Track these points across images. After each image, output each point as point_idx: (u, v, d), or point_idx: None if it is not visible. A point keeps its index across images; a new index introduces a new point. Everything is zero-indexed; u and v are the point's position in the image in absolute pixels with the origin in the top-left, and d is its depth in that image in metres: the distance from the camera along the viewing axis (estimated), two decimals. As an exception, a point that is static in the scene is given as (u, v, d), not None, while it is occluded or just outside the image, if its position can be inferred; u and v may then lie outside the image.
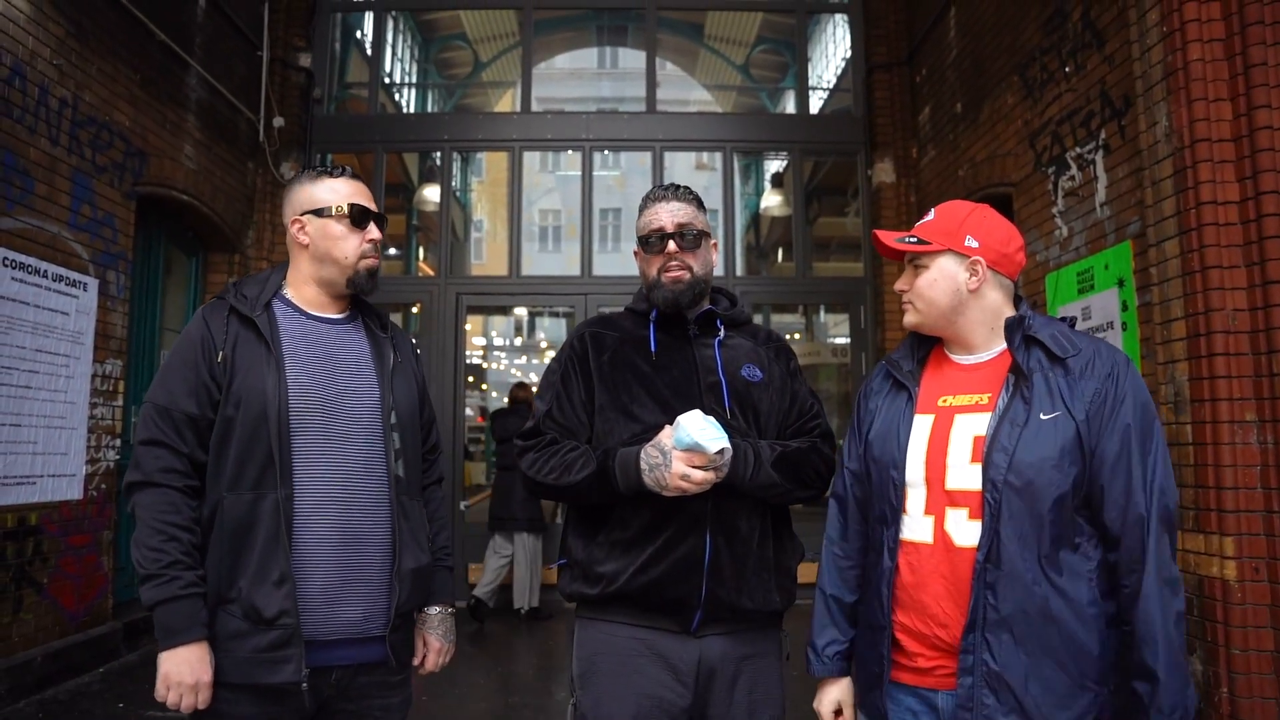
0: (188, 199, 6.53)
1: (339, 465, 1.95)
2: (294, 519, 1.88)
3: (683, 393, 2.12)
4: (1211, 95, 3.69)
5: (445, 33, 11.70)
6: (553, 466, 2.08)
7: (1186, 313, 3.76)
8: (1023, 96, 5.77)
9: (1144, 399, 1.80)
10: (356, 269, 2.08)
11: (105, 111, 5.47)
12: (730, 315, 2.28)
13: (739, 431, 2.09)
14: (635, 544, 2.02)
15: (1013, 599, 1.69)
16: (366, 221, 2.08)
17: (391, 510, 2.00)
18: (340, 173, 2.12)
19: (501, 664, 5.93)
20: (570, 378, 2.19)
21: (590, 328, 2.27)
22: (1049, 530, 1.72)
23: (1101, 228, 4.82)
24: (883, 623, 1.88)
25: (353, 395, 2.02)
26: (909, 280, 1.97)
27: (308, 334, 2.04)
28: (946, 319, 1.93)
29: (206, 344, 1.95)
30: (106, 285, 5.48)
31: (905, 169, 7.98)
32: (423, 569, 2.07)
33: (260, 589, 1.83)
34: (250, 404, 1.90)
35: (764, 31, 11.15)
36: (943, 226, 1.94)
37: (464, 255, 11.25)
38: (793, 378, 2.30)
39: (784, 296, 9.37)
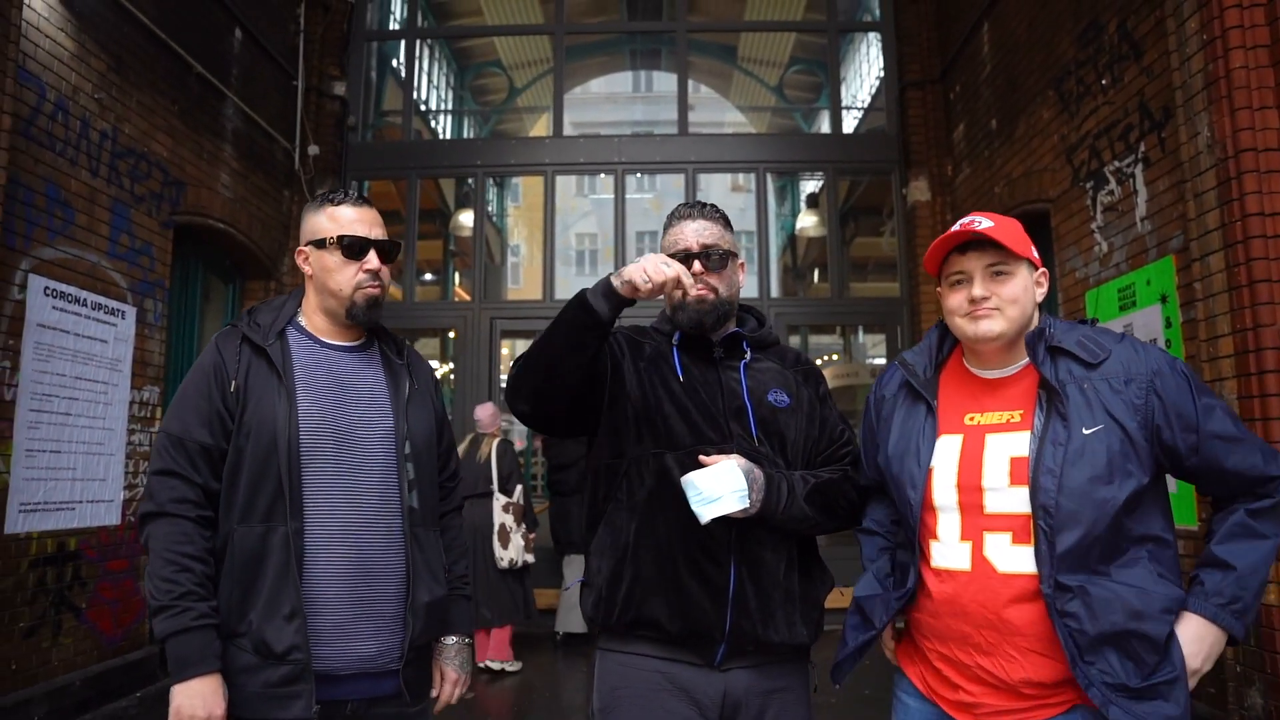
0: (224, 227, 6.63)
1: (351, 497, 1.92)
2: (304, 552, 1.85)
3: (707, 417, 2.04)
4: (1256, 103, 3.59)
5: (480, 60, 11.84)
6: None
7: (1234, 329, 3.64)
8: (1059, 111, 5.67)
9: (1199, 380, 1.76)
10: (353, 300, 2.02)
11: (144, 143, 5.57)
12: (757, 337, 2.21)
13: (766, 459, 2.02)
14: (658, 571, 1.95)
15: (1094, 619, 1.62)
16: (363, 251, 2.02)
17: (405, 542, 1.96)
18: (343, 198, 2.07)
19: (522, 696, 5.86)
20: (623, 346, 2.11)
21: (624, 331, 2.19)
22: (1108, 544, 1.66)
23: (1143, 242, 4.70)
24: (876, 625, 1.87)
25: (366, 425, 1.98)
26: (991, 286, 1.81)
27: (320, 362, 2.01)
28: (1022, 329, 1.82)
29: (220, 372, 1.93)
30: (144, 313, 5.56)
31: (940, 187, 7.88)
32: (438, 601, 2.02)
33: (271, 623, 1.80)
34: (261, 435, 1.87)
35: (797, 52, 11.14)
36: (1013, 234, 1.83)
37: (501, 280, 11.33)
38: (822, 403, 2.21)
39: (820, 318, 9.28)
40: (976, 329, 1.81)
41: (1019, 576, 1.68)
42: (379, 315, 2.08)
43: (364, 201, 2.09)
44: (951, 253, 1.86)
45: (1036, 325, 1.84)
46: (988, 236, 1.78)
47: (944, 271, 1.89)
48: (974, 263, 1.82)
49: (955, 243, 1.85)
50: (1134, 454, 1.67)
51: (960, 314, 1.84)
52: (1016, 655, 1.68)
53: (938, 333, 2.00)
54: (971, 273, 1.82)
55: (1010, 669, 1.68)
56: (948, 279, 1.88)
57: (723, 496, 1.83)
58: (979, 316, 1.80)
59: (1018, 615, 1.67)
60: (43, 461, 4.70)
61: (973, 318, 1.81)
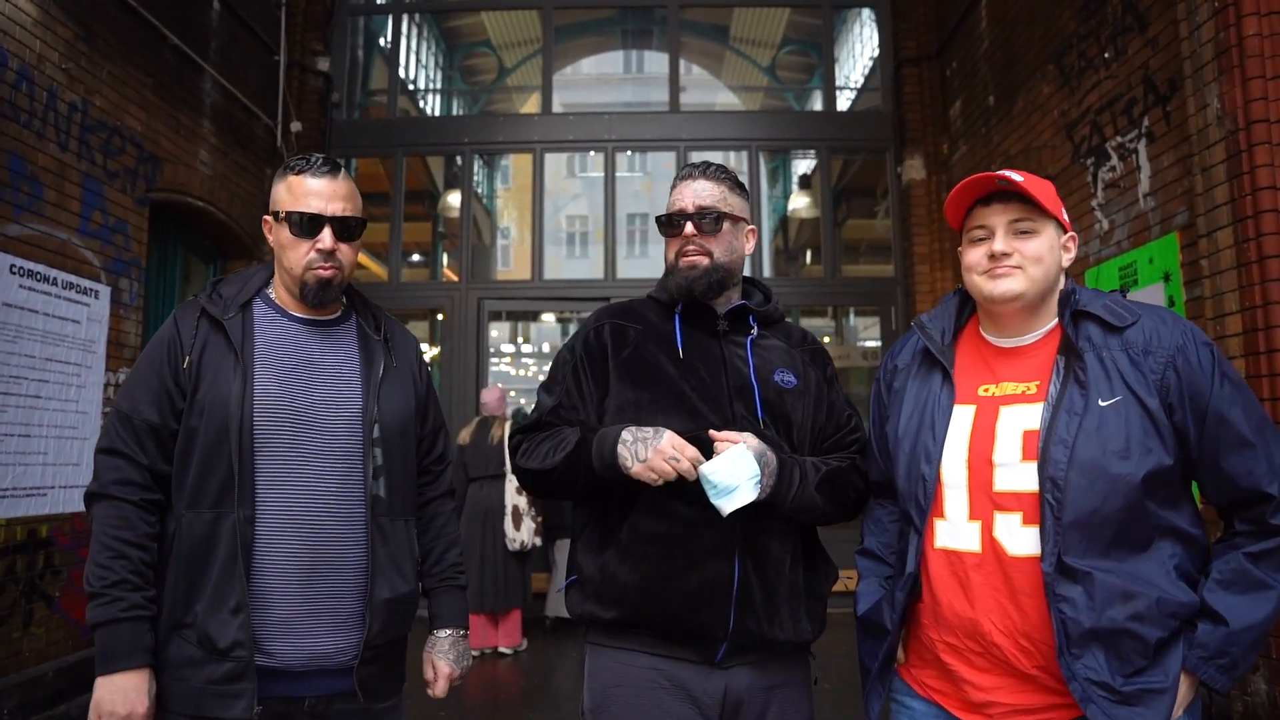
0: (203, 205, 6.44)
1: (308, 484, 1.79)
2: (255, 542, 1.72)
3: (710, 397, 1.90)
4: (1270, 72, 3.46)
5: (469, 39, 11.63)
6: (541, 451, 1.91)
7: (1242, 306, 3.52)
8: (1059, 86, 5.53)
9: (1230, 369, 1.60)
10: (303, 280, 1.86)
11: (116, 116, 5.37)
12: (764, 312, 2.06)
13: (771, 443, 1.88)
14: (655, 567, 1.82)
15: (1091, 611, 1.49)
16: (314, 229, 1.85)
17: (367, 534, 1.82)
18: (306, 166, 1.89)
19: (504, 687, 5.76)
20: (581, 373, 1.99)
21: (611, 319, 2.04)
22: (1121, 529, 1.52)
23: (1145, 219, 4.58)
24: (889, 627, 1.71)
25: (330, 406, 1.84)
26: (1014, 242, 1.67)
27: (286, 338, 1.87)
28: (1043, 293, 1.69)
29: (174, 348, 1.80)
30: (119, 293, 5.39)
31: (936, 165, 7.74)
32: (401, 598, 1.88)
33: (215, 616, 1.68)
34: (213, 415, 1.74)
35: (790, 32, 10.95)
36: (1044, 191, 1.68)
37: (490, 262, 11.15)
38: (830, 385, 2.08)
39: (814, 298, 9.15)
40: (994, 288, 1.67)
41: (1030, 560, 1.55)
42: (333, 297, 1.91)
43: (333, 170, 1.90)
44: (975, 206, 1.73)
45: (1065, 288, 1.71)
46: (1015, 187, 1.64)
47: (966, 226, 1.76)
48: (998, 216, 1.69)
49: (979, 193, 1.71)
50: (1155, 431, 1.54)
51: (979, 271, 1.71)
52: (1029, 645, 1.55)
53: (958, 297, 1.87)
54: (994, 227, 1.69)
55: (1024, 658, 1.56)
56: (969, 234, 1.75)
57: (739, 486, 1.70)
58: (998, 275, 1.67)
59: (1032, 603, 1.55)
60: (11, 446, 4.54)
61: (991, 276, 1.68)
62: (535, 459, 1.90)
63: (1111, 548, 1.51)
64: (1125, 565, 1.51)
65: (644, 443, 1.74)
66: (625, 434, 1.77)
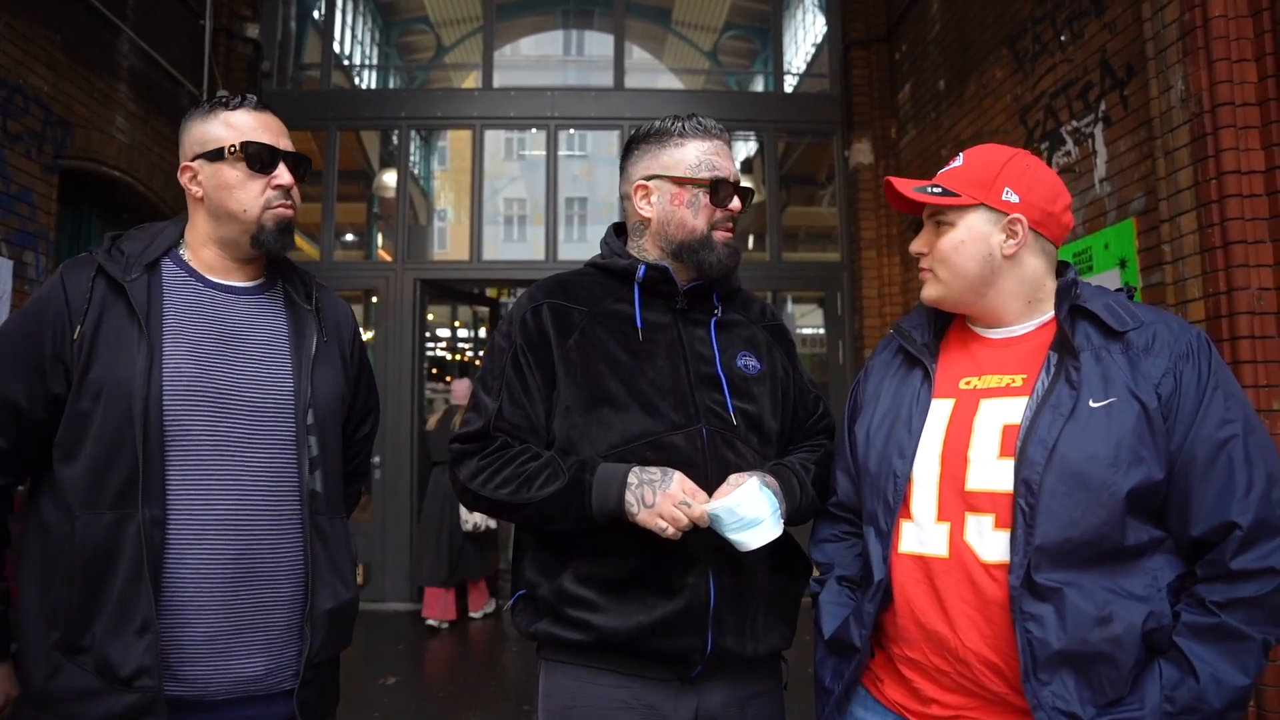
0: (120, 175, 6.03)
1: (233, 478, 1.54)
2: (166, 549, 1.47)
3: (670, 390, 1.68)
4: (1235, 55, 3.38)
5: (406, 15, 11.26)
6: (506, 478, 1.64)
7: (1205, 293, 3.46)
8: (1013, 70, 5.46)
9: (1235, 385, 1.43)
10: (260, 223, 1.64)
11: (18, 74, 4.94)
12: (727, 287, 1.86)
13: (741, 439, 1.71)
14: (622, 585, 1.62)
15: (1063, 631, 1.32)
16: (272, 163, 1.63)
17: (304, 536, 1.59)
18: (240, 102, 1.66)
19: (458, 687, 5.57)
20: (523, 365, 1.72)
21: (549, 298, 1.77)
22: (1101, 545, 1.34)
23: (1101, 205, 4.52)
24: (857, 645, 1.53)
25: (257, 387, 1.60)
26: (928, 241, 1.58)
27: (202, 306, 1.62)
28: (975, 291, 1.55)
29: (59, 315, 1.52)
30: (23, 267, 4.98)
31: (884, 149, 7.66)
32: (344, 607, 1.66)
33: (116, 639, 1.43)
34: (113, 398, 1.48)
35: (733, 17, 10.84)
36: (975, 175, 1.55)
37: (427, 243, 10.81)
38: (794, 366, 1.90)
39: (760, 283, 8.99)
40: (922, 294, 1.63)
41: (1002, 567, 1.38)
42: (291, 244, 1.69)
43: (265, 107, 1.69)
44: None
45: (1066, 278, 1.55)
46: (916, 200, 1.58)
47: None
48: (925, 211, 1.60)
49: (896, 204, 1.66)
50: (1151, 439, 1.37)
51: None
52: (999, 661, 1.38)
53: None
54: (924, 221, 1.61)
55: (993, 676, 1.39)
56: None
57: (764, 520, 1.52)
58: (924, 280, 1.61)
59: (1002, 615, 1.38)
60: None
61: (922, 279, 1.62)
62: (500, 488, 1.64)
63: (1090, 561, 1.35)
64: (1105, 581, 1.35)
65: (651, 486, 1.55)
66: (630, 477, 1.57)
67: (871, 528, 1.55)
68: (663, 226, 1.77)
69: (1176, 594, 1.38)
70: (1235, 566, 1.32)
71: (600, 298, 1.77)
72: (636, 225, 1.84)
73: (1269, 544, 1.33)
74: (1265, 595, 1.32)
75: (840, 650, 1.59)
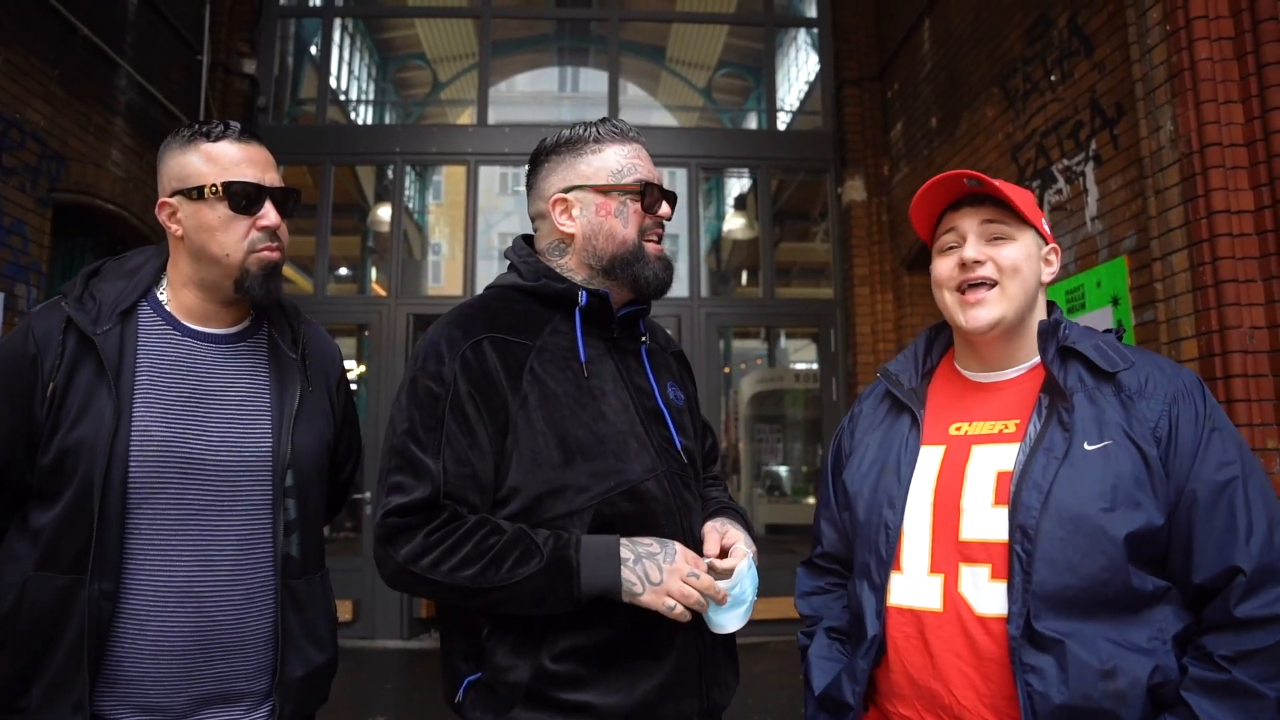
0: (115, 209, 6.02)
1: (197, 548, 1.45)
2: (117, 620, 1.39)
3: (628, 430, 1.53)
4: (1221, 96, 3.42)
5: (403, 51, 11.36)
6: (466, 558, 1.39)
7: (1198, 331, 3.46)
8: (1004, 109, 5.51)
9: (1231, 427, 1.39)
10: (245, 267, 1.53)
11: (15, 108, 4.96)
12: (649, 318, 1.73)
13: (693, 479, 1.63)
14: (610, 654, 1.46)
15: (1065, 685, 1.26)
16: (257, 203, 1.52)
17: (277, 602, 1.50)
18: (223, 132, 1.55)
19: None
20: (468, 414, 1.45)
21: (487, 332, 1.51)
22: (1103, 593, 1.30)
23: (1093, 243, 4.55)
24: (850, 702, 1.46)
25: (231, 448, 1.50)
26: (986, 249, 1.46)
27: (180, 360, 1.51)
28: (1022, 317, 1.49)
29: (35, 368, 1.44)
30: (14, 300, 4.96)
31: (877, 187, 7.71)
32: (316, 672, 1.57)
33: (52, 709, 1.35)
34: (78, 460, 1.40)
35: (727, 55, 10.94)
36: (1022, 196, 1.48)
37: (421, 277, 10.83)
38: (695, 392, 1.82)
39: (753, 319, 9.05)
40: (968, 319, 1.47)
41: (999, 620, 1.34)
42: (277, 289, 1.57)
43: (250, 136, 1.57)
44: (944, 214, 1.53)
45: (1050, 318, 1.51)
46: (986, 188, 1.45)
47: (935, 235, 1.56)
48: (968, 220, 1.48)
49: (947, 197, 1.51)
50: (1149, 484, 1.33)
51: (951, 286, 1.50)
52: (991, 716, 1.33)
53: (925, 339, 1.68)
54: (965, 231, 1.48)
55: None
56: (938, 243, 1.54)
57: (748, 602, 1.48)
58: (971, 304, 1.46)
59: (1000, 671, 1.33)
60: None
61: (964, 302, 1.47)
62: (458, 570, 1.39)
63: (1092, 610, 1.30)
64: (1108, 632, 1.30)
65: (653, 560, 1.42)
66: (624, 552, 1.42)
67: (864, 580, 1.50)
68: (589, 241, 1.60)
69: (1182, 646, 1.33)
70: (1240, 614, 1.27)
71: (536, 328, 1.56)
72: (556, 244, 1.64)
73: (1274, 590, 1.28)
74: (1273, 646, 1.26)
75: (833, 708, 1.52)
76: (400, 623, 7.13)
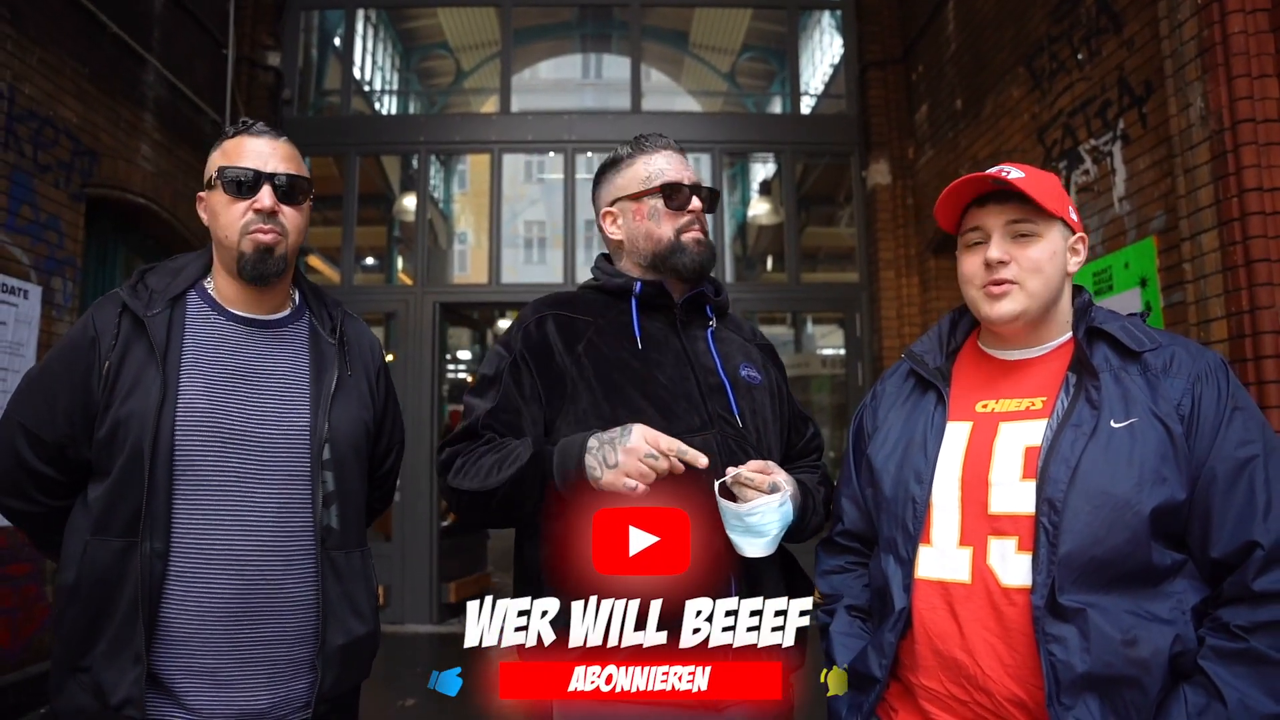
0: (145, 203, 6.11)
1: (242, 513, 1.55)
2: (167, 581, 1.50)
3: (682, 395, 1.70)
4: (1255, 71, 3.36)
5: (426, 41, 11.39)
6: (480, 467, 1.61)
7: (1228, 312, 3.42)
8: (1030, 89, 5.45)
9: (1254, 408, 1.42)
10: (240, 249, 1.63)
11: (48, 106, 5.05)
12: (720, 301, 1.90)
13: (751, 445, 1.70)
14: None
15: (1087, 653, 1.29)
16: (252, 187, 1.62)
17: (317, 571, 1.60)
18: (244, 129, 1.68)
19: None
20: (523, 372, 1.72)
21: (552, 310, 1.80)
22: (1124, 565, 1.33)
23: (1120, 224, 4.50)
24: (877, 675, 1.49)
25: (272, 423, 1.61)
26: (1011, 248, 1.49)
27: (223, 340, 1.64)
28: (1047, 308, 1.52)
29: (94, 350, 1.58)
30: (51, 293, 5.06)
31: (901, 170, 7.66)
32: (358, 642, 1.66)
33: (111, 665, 1.47)
34: (129, 432, 1.52)
35: (750, 39, 10.88)
36: (1048, 188, 1.50)
37: (446, 266, 10.90)
38: (786, 384, 1.93)
39: (778, 304, 9.02)
40: (992, 310, 1.50)
41: (1024, 591, 1.37)
42: (275, 270, 1.66)
43: (273, 133, 1.69)
44: (970, 206, 1.55)
45: (1081, 299, 1.54)
46: (1011, 186, 1.47)
47: (960, 228, 1.58)
48: (994, 218, 1.50)
49: (971, 194, 1.53)
50: (1174, 460, 1.36)
51: (976, 284, 1.53)
52: (1022, 692, 1.36)
53: (949, 320, 1.71)
54: (990, 229, 1.51)
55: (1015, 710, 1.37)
56: (963, 238, 1.57)
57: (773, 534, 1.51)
58: (995, 295, 1.49)
59: (1024, 642, 1.36)
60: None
61: (988, 295, 1.50)
62: (473, 477, 1.61)
63: (1114, 583, 1.33)
64: (1128, 604, 1.33)
65: (611, 445, 1.51)
66: (591, 440, 1.55)
67: (890, 555, 1.53)
68: (633, 244, 1.83)
69: (1200, 618, 1.36)
70: (1258, 588, 1.31)
71: (602, 311, 1.80)
72: (615, 251, 1.90)
73: None
74: None
75: (858, 682, 1.55)
76: (430, 608, 7.22)
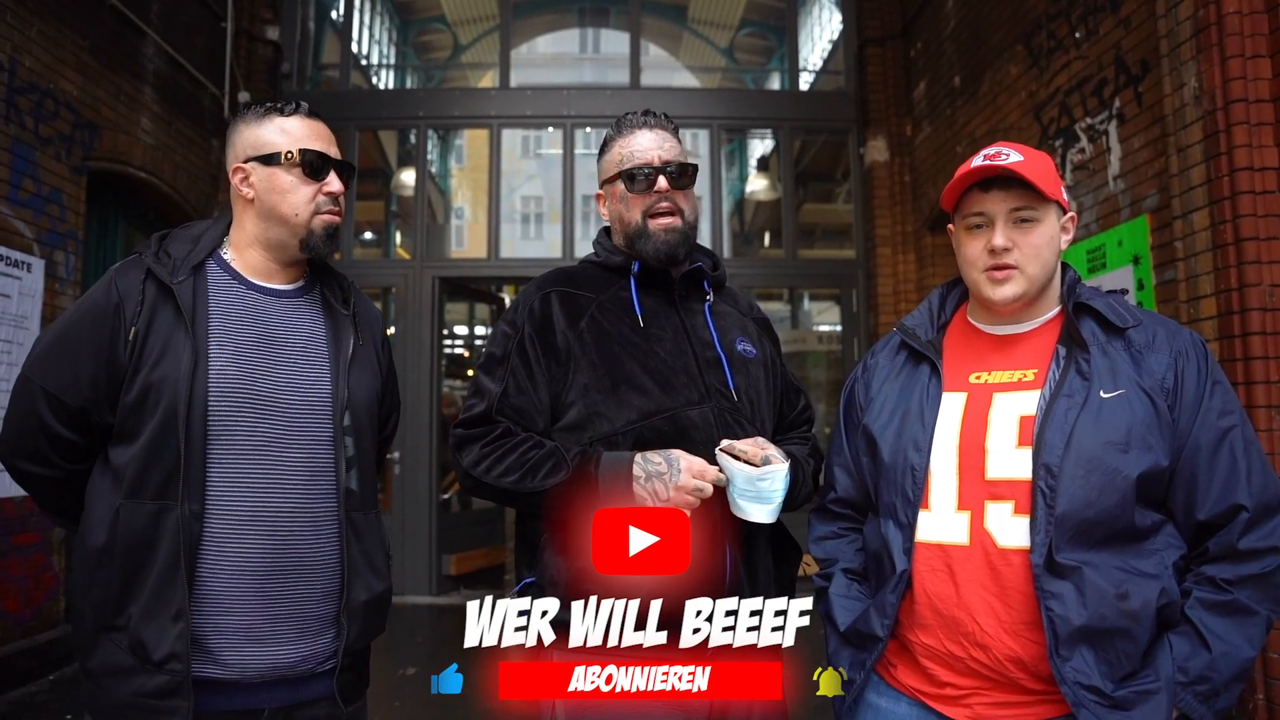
0: (146, 176, 6.14)
1: (271, 475, 1.61)
2: (203, 540, 1.55)
3: (681, 369, 1.76)
4: (1249, 51, 3.40)
5: (424, 15, 11.34)
6: (509, 466, 1.70)
7: (1217, 289, 3.48)
8: (1027, 67, 5.48)
9: (1227, 381, 1.53)
10: (310, 228, 1.70)
11: (49, 79, 5.06)
12: (717, 276, 1.95)
13: (746, 419, 1.76)
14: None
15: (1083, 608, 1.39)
16: (325, 170, 1.71)
17: (340, 531, 1.66)
18: (294, 109, 1.73)
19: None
20: (529, 351, 1.78)
21: (555, 286, 1.86)
22: (1112, 526, 1.43)
23: (1115, 202, 4.55)
24: (880, 634, 1.58)
25: (296, 389, 1.66)
26: (1014, 234, 1.56)
27: (246, 308, 1.68)
28: (1043, 287, 1.60)
29: (118, 314, 1.60)
30: (54, 266, 5.10)
31: (899, 147, 7.68)
32: (378, 599, 1.73)
33: (152, 623, 1.51)
34: (160, 397, 1.55)
35: (749, 14, 10.85)
36: (1044, 171, 1.56)
37: (444, 241, 10.89)
38: (780, 357, 1.99)
39: (775, 280, 9.07)
40: (995, 294, 1.58)
41: (1020, 552, 1.46)
42: (336, 247, 1.78)
43: (315, 115, 1.76)
44: (972, 189, 1.60)
45: (1068, 275, 1.62)
46: (1015, 173, 1.52)
47: (961, 209, 1.63)
48: (997, 204, 1.56)
49: (976, 178, 1.59)
50: (1159, 429, 1.46)
51: (979, 268, 1.59)
52: (1018, 646, 1.45)
53: (939, 294, 1.77)
54: (994, 215, 1.57)
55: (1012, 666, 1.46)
56: (964, 219, 1.62)
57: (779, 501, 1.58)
58: (998, 280, 1.57)
59: (1021, 599, 1.45)
60: (-64, 426, 4.27)
61: (991, 279, 1.57)
62: (504, 476, 1.70)
63: (1104, 542, 1.43)
64: (1117, 561, 1.43)
65: (662, 480, 1.60)
66: (636, 469, 1.62)
67: (890, 520, 1.60)
68: (615, 224, 1.90)
69: (1180, 573, 1.47)
70: (1243, 546, 1.43)
71: (604, 287, 1.86)
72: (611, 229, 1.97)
73: (1270, 523, 1.45)
74: (1270, 573, 1.43)
75: (859, 641, 1.63)
76: (430, 580, 7.31)
